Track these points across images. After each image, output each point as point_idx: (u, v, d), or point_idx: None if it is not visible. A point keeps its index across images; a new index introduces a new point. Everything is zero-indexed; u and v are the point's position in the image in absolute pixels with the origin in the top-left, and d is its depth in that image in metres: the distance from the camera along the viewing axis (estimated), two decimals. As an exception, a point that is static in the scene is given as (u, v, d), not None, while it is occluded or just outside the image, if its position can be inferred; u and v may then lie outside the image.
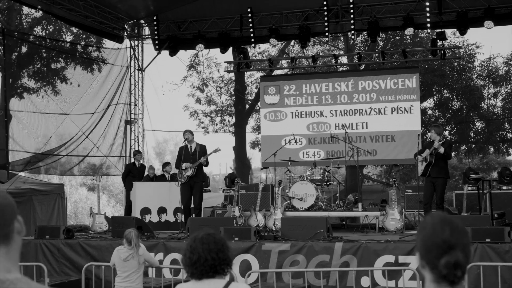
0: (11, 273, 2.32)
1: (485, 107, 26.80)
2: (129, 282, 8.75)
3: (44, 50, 21.81)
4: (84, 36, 23.38)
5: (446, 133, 27.15)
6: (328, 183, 15.83)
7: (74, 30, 23.25)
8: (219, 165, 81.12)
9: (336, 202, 15.90)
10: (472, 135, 26.98)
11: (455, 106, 27.13)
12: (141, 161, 18.07)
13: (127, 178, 17.45)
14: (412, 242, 11.36)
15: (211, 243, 3.88)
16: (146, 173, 17.99)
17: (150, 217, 15.45)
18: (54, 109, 20.06)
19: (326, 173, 15.85)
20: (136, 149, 21.18)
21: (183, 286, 4.15)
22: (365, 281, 10.85)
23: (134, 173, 17.31)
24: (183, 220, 14.36)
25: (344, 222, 17.08)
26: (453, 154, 27.18)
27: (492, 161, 33.17)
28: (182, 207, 14.51)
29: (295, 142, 18.49)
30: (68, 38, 23.62)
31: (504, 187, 16.38)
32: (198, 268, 3.87)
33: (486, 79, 26.84)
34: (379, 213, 14.63)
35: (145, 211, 15.47)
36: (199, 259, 3.85)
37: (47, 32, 23.60)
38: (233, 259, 4.18)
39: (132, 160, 18.43)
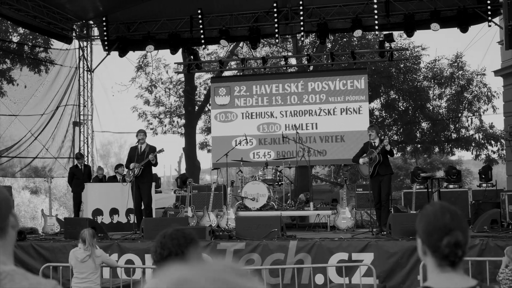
0: (7, 265, 2.35)
1: (431, 108, 27.31)
2: (88, 282, 8.73)
3: (-11, 51, 21.46)
4: (31, 37, 23.06)
5: (393, 133, 27.59)
6: (280, 183, 15.97)
7: (21, 30, 22.91)
8: (163, 166, 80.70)
9: (288, 202, 16.06)
10: (418, 135, 27.46)
11: (401, 107, 27.57)
12: (84, 163, 17.94)
13: (73, 181, 17.31)
14: (364, 240, 11.59)
15: (181, 238, 3.94)
16: (94, 174, 17.87)
17: (102, 218, 15.36)
18: (1, 111, 19.77)
19: (278, 173, 15.99)
20: (84, 150, 21.02)
21: (153, 281, 4.20)
22: (320, 278, 11.02)
23: (78, 175, 17.17)
24: (135, 221, 14.31)
25: (294, 221, 17.24)
26: (398, 154, 27.69)
27: (436, 161, 33.78)
28: (134, 208, 14.45)
29: (246, 142, 18.58)
30: (15, 38, 23.27)
31: (451, 186, 16.78)
32: (169, 263, 3.93)
33: (432, 80, 27.35)
34: (331, 212, 14.85)
35: (97, 212, 15.37)
36: (169, 254, 3.91)
37: (-8, 32, 23.25)
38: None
39: (75, 163, 18.24)
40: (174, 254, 3.91)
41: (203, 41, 19.51)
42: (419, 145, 27.72)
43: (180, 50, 20.74)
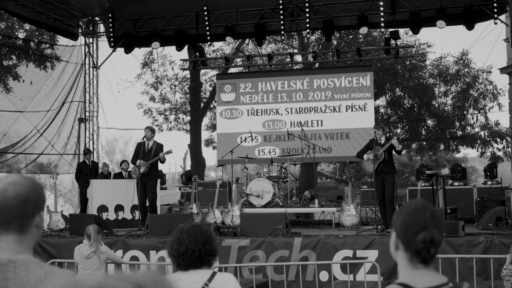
0: (21, 254, 2.36)
1: (436, 105, 27.26)
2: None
3: (-5, 47, 21.51)
4: (37, 33, 23.10)
5: (398, 130, 27.55)
6: (285, 180, 15.97)
7: (27, 26, 22.96)
8: (169, 163, 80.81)
9: (293, 199, 16.07)
10: (423, 132, 27.42)
11: (407, 104, 27.53)
12: (92, 159, 17.99)
13: (80, 177, 17.35)
14: (369, 237, 11.59)
15: (198, 235, 3.97)
16: (100, 170, 17.91)
17: (107, 215, 15.38)
18: (7, 107, 19.82)
19: (283, 170, 15.99)
20: (89, 147, 21.05)
21: (170, 277, 4.23)
22: (324, 275, 11.04)
23: (86, 171, 17.20)
24: (140, 217, 14.33)
25: (299, 219, 17.25)
26: (404, 151, 27.64)
27: (441, 159, 33.73)
28: (139, 205, 14.48)
29: (251, 139, 18.60)
30: (21, 35, 23.32)
31: (456, 183, 16.77)
32: (185, 259, 3.96)
33: (437, 78, 27.31)
34: (336, 209, 14.85)
35: (102, 208, 15.39)
36: (186, 251, 3.94)
37: (-1, 28, 23.30)
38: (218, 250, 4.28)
39: (82, 159, 18.28)
40: (190, 251, 3.94)
41: (208, 38, 19.55)
42: (424, 143, 27.68)
43: (186, 47, 20.77)
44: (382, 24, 18.32)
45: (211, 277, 4.02)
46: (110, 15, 19.83)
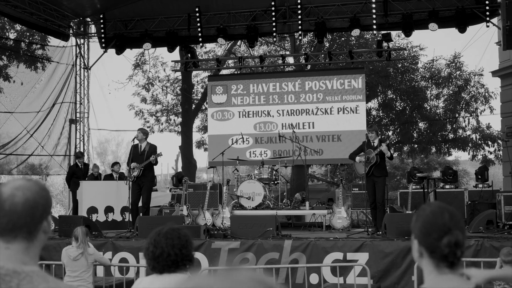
0: (27, 265, 2.30)
1: (428, 108, 27.28)
2: (80, 281, 8.68)
3: (-14, 48, 21.41)
4: (28, 34, 23.00)
5: (390, 133, 27.56)
6: (276, 182, 15.93)
7: (18, 27, 22.86)
8: (161, 165, 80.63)
9: (284, 201, 16.02)
10: (415, 135, 27.44)
11: (399, 107, 27.55)
12: (83, 162, 17.92)
13: (72, 180, 17.28)
14: (359, 240, 11.55)
15: (175, 239, 3.89)
16: (90, 171, 17.85)
17: (97, 216, 15.32)
18: (-3, 107, 19.74)
19: (274, 172, 15.95)
20: (80, 148, 20.99)
21: (144, 280, 4.17)
22: (314, 278, 10.99)
23: (78, 174, 17.15)
24: (130, 219, 14.24)
25: (290, 221, 17.21)
26: (395, 154, 27.65)
27: (433, 161, 33.79)
28: (130, 206, 14.38)
29: (243, 141, 18.56)
30: (12, 35, 23.22)
31: (447, 186, 16.76)
32: (160, 262, 3.88)
33: (429, 80, 27.33)
34: (326, 212, 14.82)
35: (92, 210, 15.33)
36: (162, 254, 3.86)
37: (-11, 29, 23.19)
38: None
39: (74, 162, 18.19)
40: (166, 254, 3.87)
41: (200, 39, 19.52)
42: (416, 145, 27.70)
43: (178, 48, 20.67)
44: (374, 27, 18.31)
45: None
46: (101, 16, 19.74)
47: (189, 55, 19.95)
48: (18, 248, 2.31)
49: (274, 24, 18.60)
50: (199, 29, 19.08)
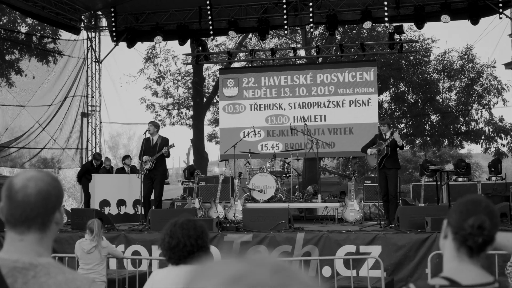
0: (42, 257, 2.29)
1: (440, 100, 27.17)
2: (94, 273, 8.68)
3: (-2, 41, 21.47)
4: (39, 28, 23.04)
5: (402, 126, 27.48)
6: (287, 175, 15.89)
7: (30, 21, 22.90)
8: (172, 158, 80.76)
9: (296, 194, 15.99)
10: (427, 128, 27.34)
11: (411, 100, 27.45)
12: (99, 163, 17.97)
13: (84, 176, 17.34)
14: (372, 232, 11.51)
15: (191, 229, 3.88)
16: (102, 162, 17.91)
17: (109, 209, 15.35)
18: (9, 101, 19.77)
19: (286, 165, 15.91)
20: (92, 142, 21.08)
21: (160, 272, 4.15)
22: (327, 271, 10.96)
23: (91, 173, 17.17)
24: (142, 212, 14.25)
25: (302, 214, 17.18)
26: (408, 147, 27.58)
27: (445, 154, 33.65)
28: (142, 199, 14.38)
29: (254, 134, 18.53)
30: (23, 29, 23.27)
31: (460, 179, 16.69)
32: (176, 253, 3.87)
33: (441, 73, 27.22)
34: (339, 205, 14.77)
35: (104, 203, 15.36)
36: (178, 244, 3.85)
37: (1, 23, 23.20)
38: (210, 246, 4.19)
39: (90, 159, 18.23)
40: (182, 245, 3.86)
41: (211, 32, 19.46)
42: (428, 138, 27.60)
43: (189, 42, 20.65)
44: (386, 19, 18.22)
45: None
46: (112, 9, 19.74)
47: (200, 48, 19.92)
48: (32, 239, 2.30)
49: (285, 16, 18.54)
50: (210, 22, 19.02)
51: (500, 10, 17.16)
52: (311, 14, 18.29)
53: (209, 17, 18.98)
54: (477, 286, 2.53)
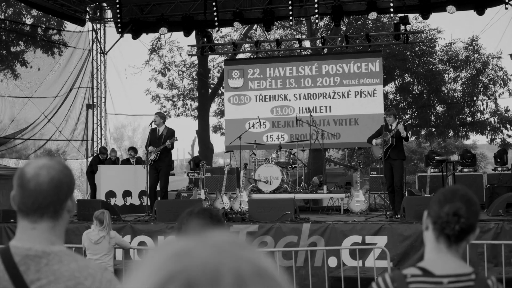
0: (55, 245, 2.30)
1: (446, 91, 27.13)
2: (101, 264, 8.70)
3: (3, 33, 21.45)
4: (44, 19, 23.04)
5: (407, 117, 27.45)
6: (293, 165, 15.90)
7: (35, 12, 22.89)
8: (177, 150, 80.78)
9: (301, 185, 15.99)
10: (432, 119, 27.31)
11: (416, 90, 27.42)
12: (106, 158, 17.99)
13: (91, 171, 17.40)
14: (378, 223, 11.53)
15: (207, 218, 3.89)
16: (108, 156, 17.95)
17: (115, 200, 15.37)
18: (15, 93, 19.80)
19: (291, 156, 15.91)
20: (97, 133, 21.13)
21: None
22: (333, 261, 10.98)
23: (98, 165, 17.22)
24: (148, 203, 14.28)
25: (308, 205, 17.19)
26: (413, 138, 27.55)
27: (450, 145, 33.63)
28: (147, 190, 14.41)
29: (260, 125, 18.52)
30: (28, 21, 23.26)
31: (465, 169, 16.67)
32: None
33: (447, 63, 27.17)
34: (344, 195, 14.78)
35: (110, 194, 15.39)
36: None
37: (6, 14, 23.19)
38: None
39: (95, 150, 18.25)
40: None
41: (216, 23, 19.40)
42: (433, 129, 27.57)
43: (194, 33, 20.63)
44: (392, 9, 18.15)
45: None
46: (117, 1, 19.67)
47: (205, 39, 19.90)
48: (45, 228, 2.30)
49: (290, 7, 18.48)
50: (215, 13, 18.98)
51: (506, 0, 17.10)
52: (316, 5, 18.23)
53: (214, 8, 18.93)
54: (451, 276, 2.55)
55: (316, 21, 20.86)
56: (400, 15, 18.61)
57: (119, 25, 19.96)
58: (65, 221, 2.37)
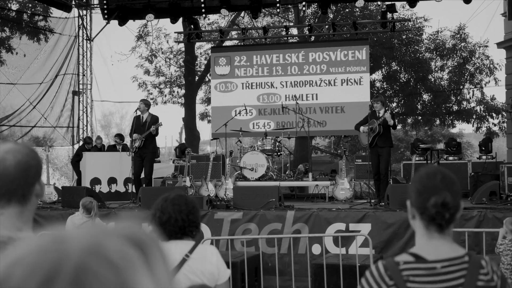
0: (22, 231, 2.27)
1: (432, 79, 27.19)
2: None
3: (-12, 19, 21.31)
4: (30, 5, 22.87)
5: (394, 105, 27.49)
6: (279, 153, 15.90)
7: (20, -2, 22.73)
8: (165, 137, 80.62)
9: (287, 172, 16.00)
10: (419, 107, 27.38)
11: (403, 79, 27.45)
12: (91, 146, 17.91)
13: (76, 160, 17.34)
14: (362, 210, 11.56)
15: (182, 205, 3.89)
16: (93, 144, 17.88)
17: (100, 187, 15.34)
18: (1, 79, 19.68)
19: (277, 144, 15.91)
20: (83, 120, 21.07)
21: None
22: (316, 248, 11.02)
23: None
24: (133, 190, 14.26)
25: (293, 192, 17.21)
26: (399, 126, 27.60)
27: (437, 134, 33.75)
28: (132, 177, 14.40)
29: (246, 113, 18.50)
30: (14, 6, 23.07)
31: (451, 157, 16.73)
32: (167, 228, 3.88)
33: (434, 52, 27.21)
34: (329, 183, 14.80)
35: (95, 181, 15.35)
36: (169, 219, 3.86)
37: (-9, 0, 23.03)
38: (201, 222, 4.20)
39: (81, 137, 18.18)
40: (173, 220, 3.86)
41: (203, 10, 19.30)
42: (420, 117, 27.64)
43: (181, 20, 20.54)
44: (379, -3, 18.16)
45: (192, 248, 3.94)
46: (103, -13, 19.59)
47: (192, 26, 19.84)
48: (12, 213, 2.27)
49: (277, -6, 18.44)
50: (202, 0, 18.90)
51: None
52: (303, -8, 18.21)
53: (201, -5, 18.85)
54: (444, 261, 2.55)
55: (304, 8, 20.80)
56: (387, 3, 18.59)
57: (106, 11, 19.82)
58: (33, 206, 2.34)
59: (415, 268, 2.54)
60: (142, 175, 14.35)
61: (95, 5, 21.21)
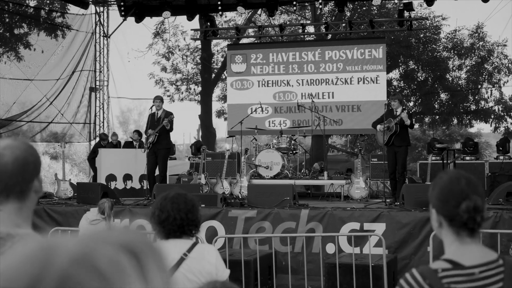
0: (21, 228, 2.26)
1: (450, 79, 27.02)
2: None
3: (7, 15, 21.40)
4: (48, 1, 22.96)
5: (411, 104, 27.36)
6: (294, 151, 15.86)
7: (38, -6, 22.83)
8: (183, 135, 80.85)
9: (302, 171, 15.96)
10: (436, 106, 27.23)
11: (420, 78, 27.31)
12: (107, 143, 17.97)
13: (93, 157, 17.41)
14: (377, 210, 11.50)
15: (181, 203, 3.87)
16: (109, 140, 17.94)
17: (116, 184, 15.38)
18: (17, 75, 19.78)
19: (293, 142, 15.87)
20: (100, 116, 21.14)
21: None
22: (331, 247, 10.97)
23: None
24: (148, 187, 14.27)
25: (309, 191, 17.17)
26: (417, 125, 27.48)
27: (455, 133, 33.55)
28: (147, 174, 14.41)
29: (262, 110, 18.47)
30: (32, 3, 23.18)
31: (467, 157, 16.61)
32: (166, 226, 3.86)
33: (451, 51, 27.04)
34: (345, 182, 14.75)
35: (111, 177, 15.40)
36: (167, 218, 3.84)
37: (9, -4, 23.14)
38: (201, 222, 4.17)
39: (97, 134, 18.24)
40: (172, 218, 3.84)
41: (220, 7, 19.33)
42: (437, 117, 27.48)
43: (197, 17, 20.54)
44: (396, -5, 18.06)
45: (191, 247, 3.92)
46: (120, -16, 19.65)
47: (208, 23, 19.83)
48: (11, 209, 2.26)
49: (294, -8, 18.40)
50: (218, -3, 18.92)
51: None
52: (320, -10, 18.15)
53: (218, -8, 18.86)
54: (481, 266, 2.49)
55: (320, 6, 20.72)
56: (404, 1, 18.48)
57: (122, 8, 19.90)
58: (32, 203, 2.32)
59: (454, 275, 2.48)
60: (157, 172, 14.35)
61: (112, 2, 21.25)
